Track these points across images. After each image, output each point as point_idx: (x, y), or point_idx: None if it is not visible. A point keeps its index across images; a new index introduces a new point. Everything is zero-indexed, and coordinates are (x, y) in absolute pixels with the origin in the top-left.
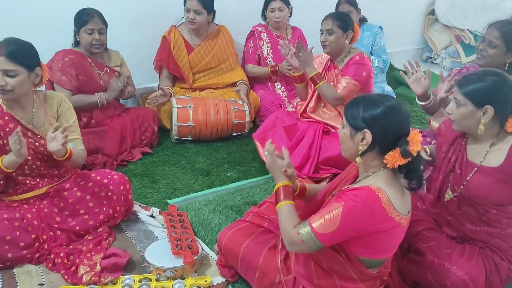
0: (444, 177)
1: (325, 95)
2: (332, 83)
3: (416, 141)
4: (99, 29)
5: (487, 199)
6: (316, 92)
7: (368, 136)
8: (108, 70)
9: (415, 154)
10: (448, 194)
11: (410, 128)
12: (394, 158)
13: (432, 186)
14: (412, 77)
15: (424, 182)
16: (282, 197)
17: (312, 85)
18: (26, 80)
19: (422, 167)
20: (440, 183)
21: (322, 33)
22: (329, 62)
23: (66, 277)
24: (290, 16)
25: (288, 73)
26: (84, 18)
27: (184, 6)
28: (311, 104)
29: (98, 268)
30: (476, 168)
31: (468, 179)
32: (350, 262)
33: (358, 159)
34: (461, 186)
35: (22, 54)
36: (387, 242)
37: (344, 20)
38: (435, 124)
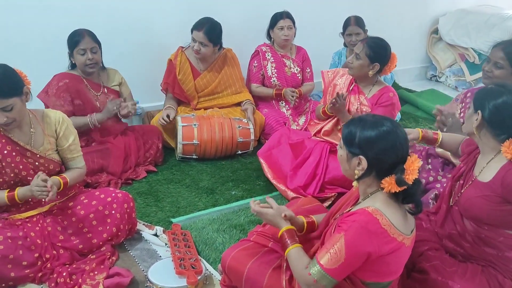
0: (452, 185)
1: None
2: (355, 110)
3: (412, 170)
4: (91, 48)
5: (469, 211)
6: (336, 117)
7: (364, 162)
8: (105, 90)
9: (410, 183)
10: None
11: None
12: (390, 184)
13: (442, 195)
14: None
15: (430, 201)
16: (288, 242)
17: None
18: (21, 105)
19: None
20: (448, 190)
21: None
22: (352, 84)
23: None
24: (294, 37)
25: (292, 101)
26: (76, 38)
27: (191, 33)
28: (327, 127)
29: (101, 287)
30: (471, 182)
31: (462, 191)
32: (355, 287)
33: (355, 183)
34: (456, 197)
35: (9, 85)
36: (392, 264)
37: (375, 51)
38: (440, 151)
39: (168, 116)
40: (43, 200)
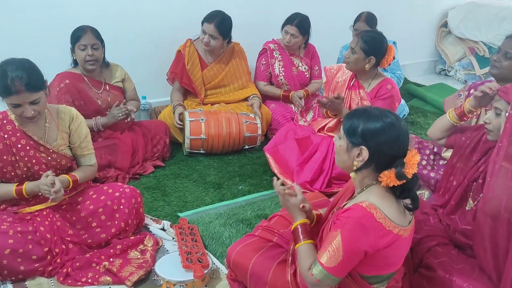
0: (468, 184)
1: None
2: (356, 105)
3: (412, 164)
4: (92, 44)
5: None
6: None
7: (365, 153)
8: (107, 87)
9: (410, 177)
10: (469, 204)
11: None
12: (388, 178)
13: (454, 191)
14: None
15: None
16: (301, 236)
17: None
18: (45, 98)
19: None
20: (463, 189)
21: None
22: (353, 80)
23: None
24: (306, 43)
25: (299, 107)
26: (78, 34)
27: (202, 25)
28: (331, 124)
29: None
30: None
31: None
32: (355, 281)
33: (353, 174)
34: (481, 195)
35: (38, 80)
36: (390, 257)
37: (370, 45)
38: (447, 155)
39: (180, 115)
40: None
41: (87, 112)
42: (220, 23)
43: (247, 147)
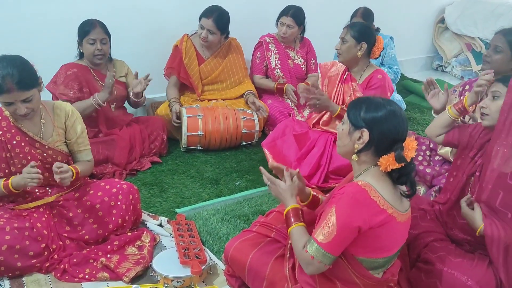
0: (467, 179)
1: None
2: (349, 98)
3: (411, 148)
4: (101, 39)
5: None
6: None
7: (366, 135)
8: None
9: (408, 160)
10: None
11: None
12: (388, 161)
13: (453, 188)
14: (431, 93)
15: (432, 193)
16: (292, 220)
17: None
18: (39, 95)
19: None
20: (462, 185)
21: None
22: (346, 73)
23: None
24: (302, 34)
25: (292, 102)
26: (87, 28)
27: (199, 21)
28: (325, 118)
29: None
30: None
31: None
32: (350, 265)
33: (354, 156)
34: (474, 189)
35: (29, 77)
36: (383, 238)
37: (359, 31)
38: (443, 152)
39: (177, 113)
40: (48, 191)
41: None
42: (218, 18)
43: (244, 143)
